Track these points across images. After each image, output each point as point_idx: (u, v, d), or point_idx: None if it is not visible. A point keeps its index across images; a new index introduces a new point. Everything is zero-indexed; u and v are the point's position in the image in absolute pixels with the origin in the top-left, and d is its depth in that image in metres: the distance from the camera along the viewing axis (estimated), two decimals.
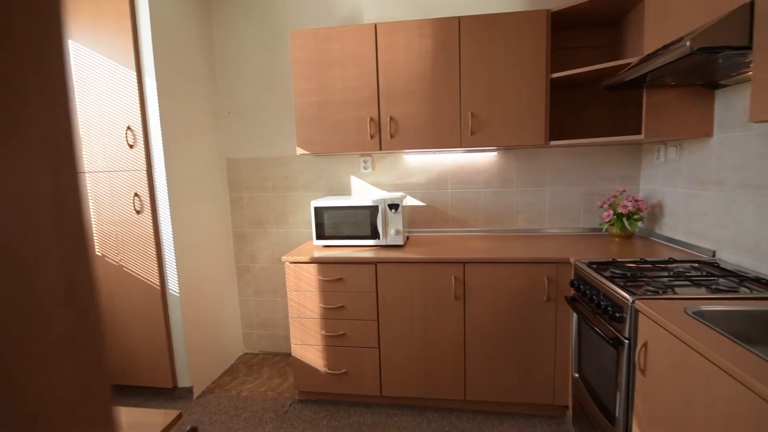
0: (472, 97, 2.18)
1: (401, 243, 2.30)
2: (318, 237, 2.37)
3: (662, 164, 2.18)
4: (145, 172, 2.26)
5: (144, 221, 2.29)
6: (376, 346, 2.18)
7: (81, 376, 0.25)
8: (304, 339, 2.26)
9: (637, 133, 1.91)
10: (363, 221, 2.31)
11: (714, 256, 1.77)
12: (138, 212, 2.29)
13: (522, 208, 2.55)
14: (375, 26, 2.21)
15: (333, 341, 2.22)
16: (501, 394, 2.10)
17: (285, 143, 2.76)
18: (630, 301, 1.34)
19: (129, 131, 2.23)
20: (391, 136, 2.28)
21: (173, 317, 2.37)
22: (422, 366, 2.16)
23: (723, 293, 1.33)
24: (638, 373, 1.33)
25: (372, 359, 2.20)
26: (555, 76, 2.11)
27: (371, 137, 2.29)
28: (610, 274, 1.58)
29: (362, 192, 2.71)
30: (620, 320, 1.38)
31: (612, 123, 2.36)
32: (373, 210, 2.29)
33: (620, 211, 2.21)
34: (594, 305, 1.57)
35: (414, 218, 2.67)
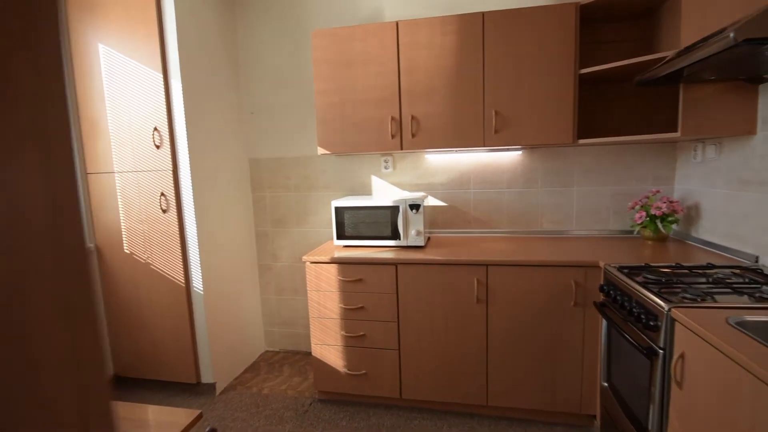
0: (497, 95, 2.12)
1: (422, 244, 2.26)
2: (338, 237, 2.37)
3: (699, 164, 2.06)
4: (171, 172, 2.31)
5: (170, 220, 2.35)
6: (396, 348, 2.16)
7: (80, 396, 0.24)
8: (324, 339, 2.26)
9: (673, 131, 1.82)
10: (383, 221, 2.29)
11: (757, 262, 1.66)
12: (164, 211, 2.35)
13: (547, 209, 2.47)
14: (397, 24, 2.19)
15: (353, 342, 2.21)
16: (525, 401, 2.04)
17: (306, 143, 2.77)
18: (666, 309, 1.27)
19: (156, 132, 2.28)
20: (413, 136, 2.24)
21: (197, 314, 2.42)
22: (443, 369, 2.12)
23: None
24: (674, 386, 1.25)
25: (392, 361, 2.17)
26: (584, 72, 2.03)
27: (392, 137, 2.27)
28: (643, 280, 1.50)
29: (383, 192, 2.69)
30: (654, 329, 1.31)
31: (644, 120, 2.25)
32: (394, 210, 2.26)
33: (653, 213, 2.11)
34: (625, 312, 1.50)
35: (435, 219, 2.63)
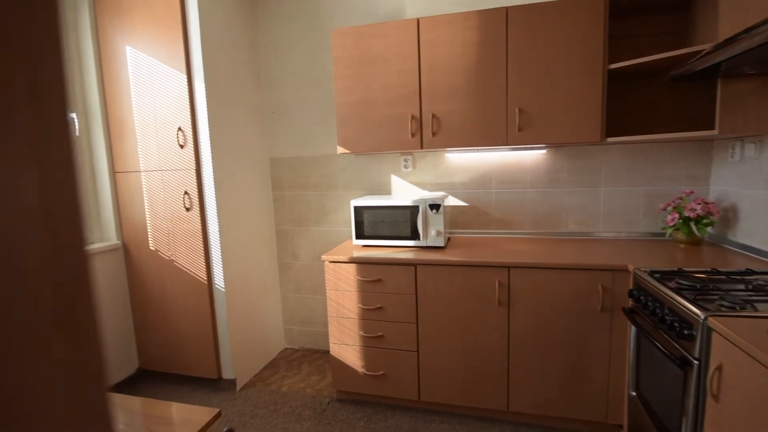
0: (521, 92, 2.06)
1: (442, 244, 2.23)
2: (357, 236, 2.36)
3: (738, 163, 1.95)
4: (194, 171, 2.35)
5: (193, 218, 2.39)
6: (415, 350, 2.13)
7: (78, 413, 0.23)
8: (343, 339, 2.25)
9: (709, 128, 1.72)
10: (403, 221, 2.27)
11: None
12: (187, 209, 2.39)
13: (573, 210, 2.39)
14: (417, 21, 2.15)
15: (371, 342, 2.20)
16: (547, 408, 1.98)
17: (326, 142, 2.77)
18: (701, 318, 1.20)
19: (180, 132, 2.33)
20: (433, 134, 2.21)
21: (219, 311, 2.46)
22: (463, 372, 2.08)
23: None
24: (709, 399, 1.18)
25: (410, 363, 2.15)
26: (613, 67, 1.95)
27: (412, 135, 2.24)
28: (677, 286, 1.42)
29: (402, 191, 2.66)
30: (689, 338, 1.24)
31: (677, 118, 2.15)
32: (414, 210, 2.24)
33: (687, 215, 2.01)
34: (657, 319, 1.43)
35: (456, 219, 2.59)
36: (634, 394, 1.71)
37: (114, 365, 2.53)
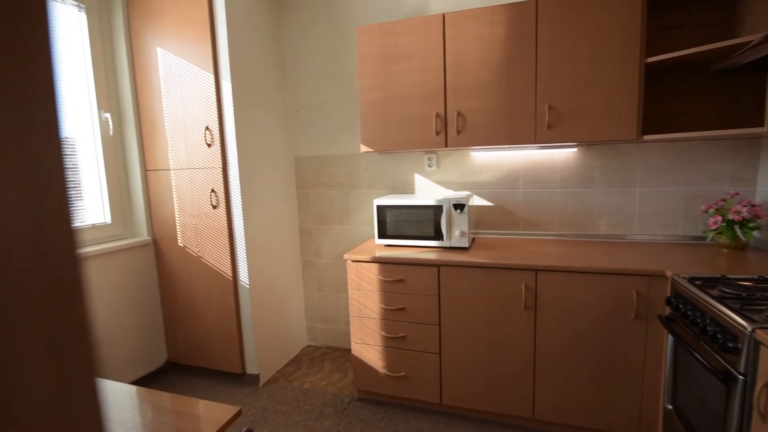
0: (550, 88, 1.99)
1: (466, 245, 2.18)
2: (380, 236, 2.34)
3: None
4: (221, 170, 2.39)
5: (219, 215, 2.44)
6: (437, 352, 2.10)
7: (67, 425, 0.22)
8: (364, 338, 2.24)
9: (757, 125, 1.60)
10: (426, 221, 2.23)
11: None
12: (214, 207, 2.44)
13: (606, 211, 2.29)
14: (443, 16, 2.11)
15: (393, 343, 2.18)
16: (575, 418, 1.90)
17: (350, 141, 2.77)
18: (748, 330, 1.11)
19: (207, 131, 2.38)
20: (458, 132, 2.16)
21: (243, 307, 2.50)
22: (486, 377, 2.03)
23: None
24: (756, 417, 1.09)
25: (432, 365, 2.12)
26: (651, 61, 1.84)
27: (437, 134, 2.19)
28: (720, 294, 1.33)
29: (426, 190, 2.62)
30: (734, 351, 1.15)
31: (721, 114, 2.01)
32: (437, 210, 2.20)
33: (731, 218, 1.88)
34: (697, 329, 1.34)
35: (480, 219, 2.53)
36: (671, 408, 1.62)
37: (144, 358, 2.62)
